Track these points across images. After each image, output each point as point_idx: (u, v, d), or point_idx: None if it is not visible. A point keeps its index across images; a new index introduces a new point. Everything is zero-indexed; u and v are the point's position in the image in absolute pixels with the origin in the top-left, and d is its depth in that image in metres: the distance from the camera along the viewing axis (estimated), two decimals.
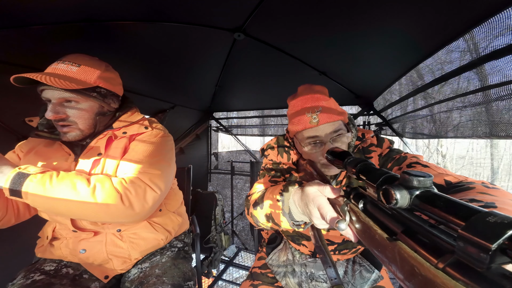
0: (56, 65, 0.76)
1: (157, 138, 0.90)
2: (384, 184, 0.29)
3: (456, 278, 0.19)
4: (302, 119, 0.72)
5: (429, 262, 0.22)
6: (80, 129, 0.81)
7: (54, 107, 0.76)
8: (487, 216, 0.19)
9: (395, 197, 0.26)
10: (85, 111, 0.81)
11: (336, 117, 0.72)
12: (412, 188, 0.26)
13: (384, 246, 0.28)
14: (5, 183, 0.64)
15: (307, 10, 0.87)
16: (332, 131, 0.71)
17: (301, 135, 0.75)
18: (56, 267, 0.84)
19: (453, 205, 0.22)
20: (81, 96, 0.78)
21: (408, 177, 0.26)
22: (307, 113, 0.71)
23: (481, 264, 0.17)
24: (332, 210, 0.44)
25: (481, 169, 7.95)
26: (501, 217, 0.18)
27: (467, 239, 0.18)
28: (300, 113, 0.73)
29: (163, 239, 0.96)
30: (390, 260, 0.27)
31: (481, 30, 0.79)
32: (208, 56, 1.35)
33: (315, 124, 0.70)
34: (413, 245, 0.24)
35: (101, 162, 0.81)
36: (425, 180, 0.26)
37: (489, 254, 0.17)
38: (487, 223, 0.18)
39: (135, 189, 0.73)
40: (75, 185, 0.68)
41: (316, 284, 0.85)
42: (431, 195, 0.25)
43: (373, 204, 0.34)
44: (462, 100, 1.05)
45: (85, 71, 0.78)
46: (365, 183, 0.36)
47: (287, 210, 0.58)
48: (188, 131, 2.47)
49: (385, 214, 0.31)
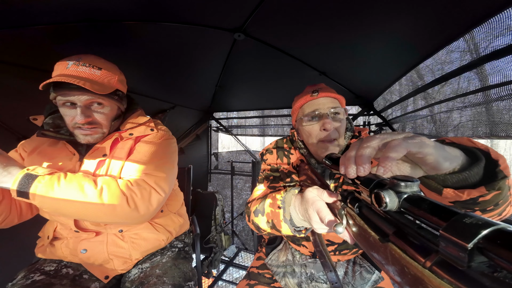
0: (76, 67, 0.74)
1: (162, 140, 0.90)
2: (376, 188, 0.31)
3: (441, 277, 0.20)
4: (304, 94, 0.82)
5: (417, 261, 0.23)
6: (103, 131, 0.82)
7: (84, 111, 0.76)
8: (465, 217, 0.20)
9: (385, 200, 0.28)
10: (108, 115, 0.83)
11: (335, 96, 0.80)
12: (401, 192, 0.28)
13: (377, 248, 0.30)
14: (13, 184, 0.63)
15: (307, 10, 0.87)
16: (331, 106, 0.77)
17: (301, 110, 0.82)
18: (56, 267, 0.84)
19: (435, 208, 0.24)
20: (106, 100, 0.80)
21: (396, 182, 0.28)
22: (309, 89, 0.82)
23: (462, 262, 0.19)
24: (330, 214, 0.46)
25: None
26: (476, 218, 0.19)
27: (447, 239, 0.20)
28: (303, 92, 0.84)
29: (164, 240, 0.96)
30: (383, 260, 0.29)
31: (481, 30, 0.79)
32: (208, 56, 1.35)
33: (315, 97, 0.78)
34: (403, 246, 0.26)
35: (106, 163, 0.81)
36: (412, 184, 0.28)
37: (467, 253, 0.18)
38: (464, 224, 0.19)
39: (140, 192, 0.73)
40: (82, 187, 0.68)
41: (316, 284, 0.85)
42: (417, 198, 0.27)
43: (367, 208, 0.36)
44: (462, 100, 1.05)
45: (108, 75, 0.79)
46: (360, 187, 0.37)
47: (288, 217, 0.59)
48: (188, 131, 2.47)
49: (378, 217, 0.33)
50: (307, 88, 0.85)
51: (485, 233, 0.18)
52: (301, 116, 0.81)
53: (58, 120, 0.83)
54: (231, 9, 0.91)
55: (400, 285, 0.25)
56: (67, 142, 0.85)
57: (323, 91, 0.78)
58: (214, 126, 2.86)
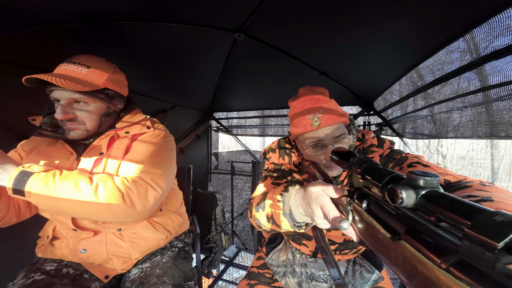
0: (66, 66, 0.77)
1: (158, 138, 0.90)
2: (389, 184, 0.30)
3: (459, 278, 0.19)
4: (303, 121, 0.71)
5: (432, 261, 0.22)
6: (87, 129, 0.82)
7: (63, 108, 0.77)
8: (494, 215, 0.18)
9: (401, 196, 0.26)
10: (93, 112, 0.82)
11: (338, 119, 0.71)
12: (418, 188, 0.26)
13: (386, 246, 0.29)
14: (8, 182, 0.64)
15: (307, 10, 0.88)
16: (334, 134, 0.70)
17: (302, 137, 0.74)
18: (56, 267, 0.84)
19: (459, 205, 0.22)
20: (90, 98, 0.80)
21: (415, 177, 0.26)
22: (308, 116, 0.70)
23: (486, 263, 0.17)
24: (335, 209, 0.44)
25: (481, 169, 7.95)
26: (508, 216, 0.18)
27: (473, 238, 0.18)
28: (301, 115, 0.72)
29: (163, 239, 0.96)
30: (392, 259, 0.27)
31: (482, 31, 0.79)
32: (208, 56, 1.35)
33: (316, 127, 0.69)
34: (417, 245, 0.24)
35: (103, 161, 0.81)
36: (431, 180, 0.26)
37: (495, 253, 0.17)
38: (494, 222, 0.18)
39: (136, 188, 0.73)
40: (78, 184, 0.68)
41: (316, 284, 0.85)
42: (437, 195, 0.25)
43: (377, 204, 0.34)
44: (463, 100, 1.05)
45: (95, 73, 0.80)
46: (370, 183, 0.36)
47: (288, 211, 0.58)
48: (188, 131, 2.47)
49: (389, 214, 0.31)
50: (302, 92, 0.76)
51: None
52: (301, 141, 0.76)
53: (56, 119, 0.84)
54: (231, 9, 0.92)
55: (409, 286, 0.24)
56: (64, 142, 0.85)
57: (325, 120, 0.69)
58: (214, 126, 2.87)
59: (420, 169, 0.62)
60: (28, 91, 0.79)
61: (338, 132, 0.70)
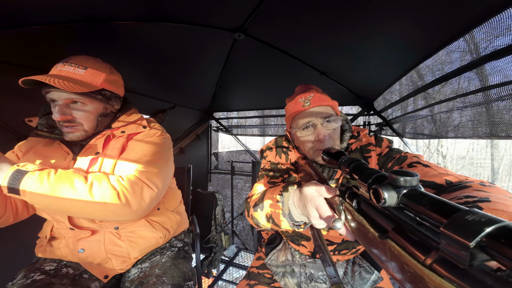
0: (62, 67, 0.77)
1: (154, 138, 0.90)
2: (374, 183, 0.30)
3: (441, 275, 0.20)
4: (295, 103, 0.79)
5: (416, 259, 0.22)
6: (85, 130, 0.83)
7: (61, 109, 0.77)
8: (467, 214, 0.19)
9: (383, 196, 0.27)
10: (90, 113, 0.82)
11: (327, 102, 0.78)
12: (400, 187, 0.27)
13: (376, 244, 0.29)
14: (3, 180, 0.64)
15: (308, 10, 0.87)
16: (323, 115, 0.75)
17: (295, 123, 0.79)
18: (56, 266, 0.84)
19: (436, 203, 0.23)
20: (87, 99, 0.80)
21: (395, 177, 0.27)
22: (300, 99, 0.78)
23: (463, 261, 0.18)
24: (329, 209, 0.45)
25: (481, 169, 7.96)
26: (479, 215, 0.18)
27: (448, 237, 0.19)
28: (294, 100, 0.80)
29: (162, 238, 0.96)
30: (383, 257, 0.28)
31: (482, 31, 0.78)
32: (208, 56, 1.35)
33: (307, 107, 0.76)
34: (402, 243, 0.25)
35: (99, 160, 0.81)
36: (411, 179, 0.27)
37: (468, 252, 0.17)
38: (466, 221, 0.18)
39: (132, 187, 0.73)
40: (72, 182, 0.68)
41: (315, 284, 0.85)
42: (417, 194, 0.26)
43: (366, 203, 0.35)
44: (463, 100, 1.05)
45: (92, 74, 0.80)
46: (358, 182, 0.36)
47: (287, 211, 0.58)
48: (188, 131, 2.47)
49: (377, 213, 0.32)
50: (298, 89, 0.84)
51: (488, 231, 0.17)
52: (294, 126, 0.81)
53: (52, 120, 0.84)
54: (231, 9, 0.91)
55: (400, 283, 0.24)
56: (61, 142, 0.85)
57: (315, 100, 0.76)
58: (214, 126, 2.86)
59: (420, 169, 0.62)
60: (28, 91, 0.79)
61: (327, 113, 0.76)
